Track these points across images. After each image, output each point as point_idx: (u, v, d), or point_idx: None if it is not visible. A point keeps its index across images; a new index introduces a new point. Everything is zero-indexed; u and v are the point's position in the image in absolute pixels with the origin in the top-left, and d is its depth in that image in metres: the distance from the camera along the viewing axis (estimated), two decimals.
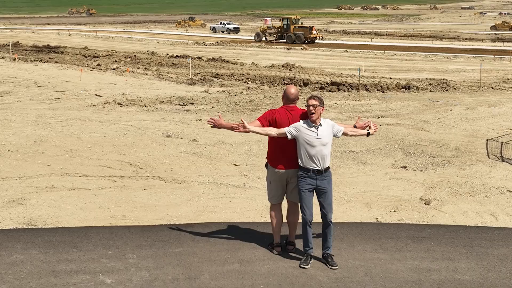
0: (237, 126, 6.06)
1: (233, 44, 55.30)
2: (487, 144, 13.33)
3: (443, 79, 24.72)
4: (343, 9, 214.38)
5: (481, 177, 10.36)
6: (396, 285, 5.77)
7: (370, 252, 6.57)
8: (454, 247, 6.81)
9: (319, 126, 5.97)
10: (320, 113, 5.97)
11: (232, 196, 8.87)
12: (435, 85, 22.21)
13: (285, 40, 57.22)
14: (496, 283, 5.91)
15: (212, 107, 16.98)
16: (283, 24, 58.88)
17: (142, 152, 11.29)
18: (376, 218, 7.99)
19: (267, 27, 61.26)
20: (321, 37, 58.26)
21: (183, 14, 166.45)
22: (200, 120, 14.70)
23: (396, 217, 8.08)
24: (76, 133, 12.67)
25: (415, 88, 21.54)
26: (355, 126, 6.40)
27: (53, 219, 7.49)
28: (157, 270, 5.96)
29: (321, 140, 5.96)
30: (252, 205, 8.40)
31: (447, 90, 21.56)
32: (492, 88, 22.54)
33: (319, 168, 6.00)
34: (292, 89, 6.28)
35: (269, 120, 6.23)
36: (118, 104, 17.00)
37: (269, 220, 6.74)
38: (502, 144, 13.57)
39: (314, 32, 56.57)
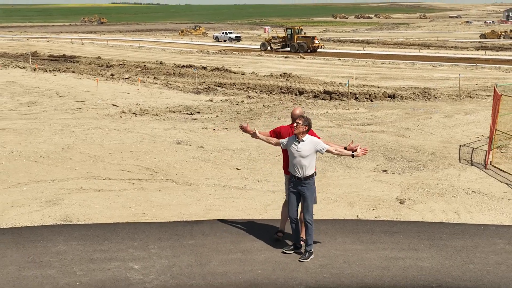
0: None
1: (234, 52, 55.79)
2: (459, 149, 14.18)
3: (426, 88, 25.49)
4: (338, 17, 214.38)
5: (451, 180, 11.18)
6: (368, 271, 6.68)
7: (349, 244, 7.48)
8: (419, 239, 7.71)
9: (301, 141, 6.87)
10: (303, 131, 6.85)
11: (235, 196, 9.71)
12: (418, 94, 23.04)
13: (289, 49, 57.34)
14: (450, 269, 6.81)
15: (217, 116, 17.67)
16: (287, 34, 59.15)
17: (156, 157, 12.14)
18: (357, 215, 8.87)
19: (272, 37, 61.25)
20: (322, 46, 58.12)
21: (187, 23, 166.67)
22: (206, 128, 15.47)
23: (374, 215, 8.95)
24: (98, 141, 13.46)
25: (399, 97, 22.39)
26: (345, 148, 7.23)
27: (85, 216, 8.40)
28: (174, 258, 6.87)
29: (300, 152, 6.84)
30: (252, 204, 9.26)
31: (428, 98, 22.34)
32: (470, 97, 23.33)
33: (299, 176, 6.89)
34: (297, 111, 7.19)
35: (276, 132, 7.37)
36: (133, 113, 17.67)
37: (266, 218, 7.66)
38: (473, 150, 14.44)
39: (316, 41, 56.78)
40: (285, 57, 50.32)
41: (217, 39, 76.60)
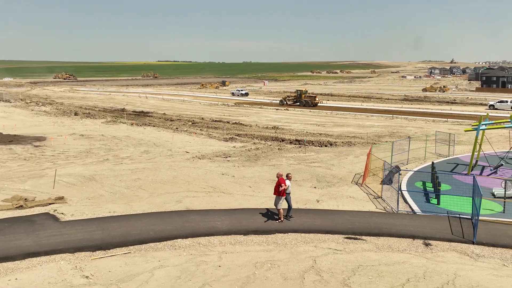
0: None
1: (245, 105, 61.75)
2: (354, 176, 20.88)
3: (353, 137, 32.03)
4: (314, 72, 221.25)
5: (343, 191, 17.95)
6: (297, 226, 13.82)
7: (292, 217, 14.65)
8: (319, 216, 14.77)
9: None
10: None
11: (249, 199, 16.59)
12: (345, 142, 29.84)
13: (298, 104, 62.24)
14: (325, 225, 13.97)
15: (238, 158, 23.84)
16: (297, 94, 64.03)
17: (214, 182, 18.96)
18: (298, 207, 15.95)
19: (287, 95, 65.95)
20: (321, 102, 63.32)
21: (210, 77, 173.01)
22: (234, 166, 22.06)
23: (305, 206, 15.95)
24: (187, 173, 19.90)
25: (335, 144, 29.36)
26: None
27: (194, 207, 15.53)
28: (230, 220, 13.98)
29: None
30: (257, 203, 16.14)
31: (350, 145, 29.04)
32: (374, 143, 30.04)
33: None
34: (281, 173, 14.42)
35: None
36: (198, 158, 23.47)
37: (263, 207, 14.90)
38: (360, 176, 21.24)
39: (317, 99, 62.18)
40: (276, 109, 56.24)
41: (233, 94, 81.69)
